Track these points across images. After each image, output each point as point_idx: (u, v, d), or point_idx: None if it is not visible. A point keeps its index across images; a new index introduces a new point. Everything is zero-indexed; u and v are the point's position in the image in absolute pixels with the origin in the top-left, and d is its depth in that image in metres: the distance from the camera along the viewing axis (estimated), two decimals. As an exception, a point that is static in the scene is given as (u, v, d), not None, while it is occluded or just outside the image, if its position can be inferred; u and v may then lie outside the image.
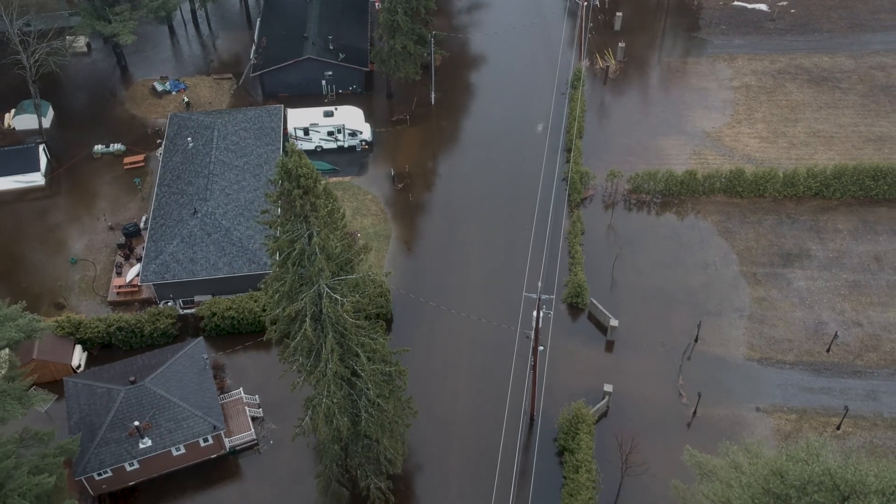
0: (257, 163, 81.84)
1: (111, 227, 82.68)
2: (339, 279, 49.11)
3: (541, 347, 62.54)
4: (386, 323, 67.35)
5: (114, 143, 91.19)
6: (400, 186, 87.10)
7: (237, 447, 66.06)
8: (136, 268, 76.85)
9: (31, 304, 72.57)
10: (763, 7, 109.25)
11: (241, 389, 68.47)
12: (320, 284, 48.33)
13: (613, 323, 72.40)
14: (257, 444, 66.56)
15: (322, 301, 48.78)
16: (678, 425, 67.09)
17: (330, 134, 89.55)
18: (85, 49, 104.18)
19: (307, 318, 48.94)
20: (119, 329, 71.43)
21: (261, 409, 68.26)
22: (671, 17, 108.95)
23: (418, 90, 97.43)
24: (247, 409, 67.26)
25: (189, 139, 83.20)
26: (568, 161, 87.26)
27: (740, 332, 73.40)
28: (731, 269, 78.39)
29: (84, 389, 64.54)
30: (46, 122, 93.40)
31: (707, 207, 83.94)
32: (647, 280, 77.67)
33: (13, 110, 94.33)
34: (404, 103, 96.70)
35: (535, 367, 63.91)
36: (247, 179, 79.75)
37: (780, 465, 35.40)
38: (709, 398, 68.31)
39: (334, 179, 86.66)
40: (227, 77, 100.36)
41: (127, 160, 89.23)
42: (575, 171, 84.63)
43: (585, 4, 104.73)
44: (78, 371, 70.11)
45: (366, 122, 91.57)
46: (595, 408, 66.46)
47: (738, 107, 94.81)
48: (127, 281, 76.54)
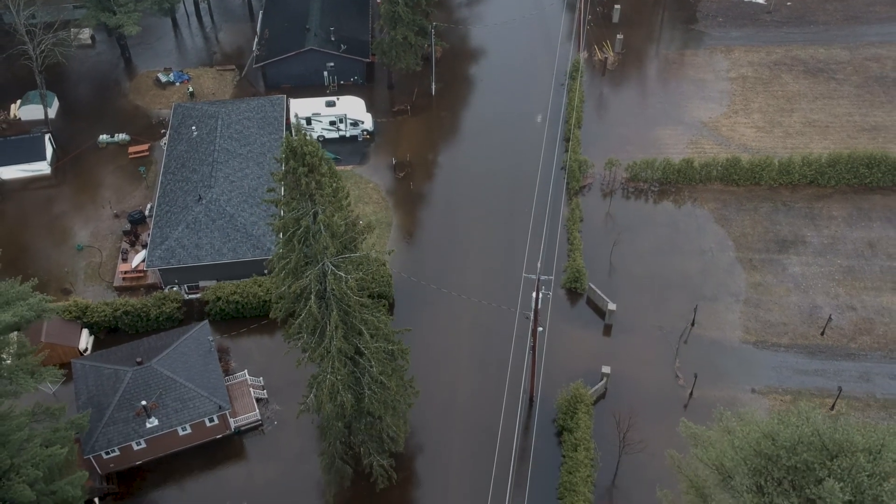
0: (260, 151, 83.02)
1: (116, 215, 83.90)
2: (343, 257, 50.30)
3: (540, 329, 63.73)
4: (388, 307, 68.58)
5: (118, 133, 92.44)
6: (401, 175, 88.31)
7: (242, 427, 67.26)
8: (142, 254, 78.04)
9: (38, 289, 73.53)
10: (760, 0, 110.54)
11: (245, 371, 69.69)
12: (325, 262, 49.53)
13: (611, 307, 73.63)
14: (262, 424, 67.76)
15: (327, 278, 49.97)
16: (675, 406, 68.27)
17: (332, 124, 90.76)
18: (89, 41, 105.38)
19: (312, 295, 50.11)
20: (125, 313, 72.61)
21: (265, 391, 69.46)
22: (669, 10, 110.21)
23: (419, 81, 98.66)
24: (251, 390, 68.43)
25: (193, 128, 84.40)
26: (566, 150, 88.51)
27: (736, 316, 74.63)
28: (728, 255, 79.61)
29: (91, 371, 65.72)
30: (52, 113, 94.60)
31: (704, 195, 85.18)
32: (644, 266, 78.88)
33: (19, 101, 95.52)
34: (405, 94, 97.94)
35: (534, 348, 65.12)
36: (250, 167, 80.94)
37: (772, 428, 36.65)
38: (705, 380, 69.50)
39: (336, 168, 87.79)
40: (230, 68, 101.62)
41: (132, 149, 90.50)
42: (573, 159, 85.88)
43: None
44: (85, 354, 71.26)
45: (367, 112, 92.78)
46: (593, 389, 67.68)
47: (735, 97, 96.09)
48: (133, 267, 77.74)
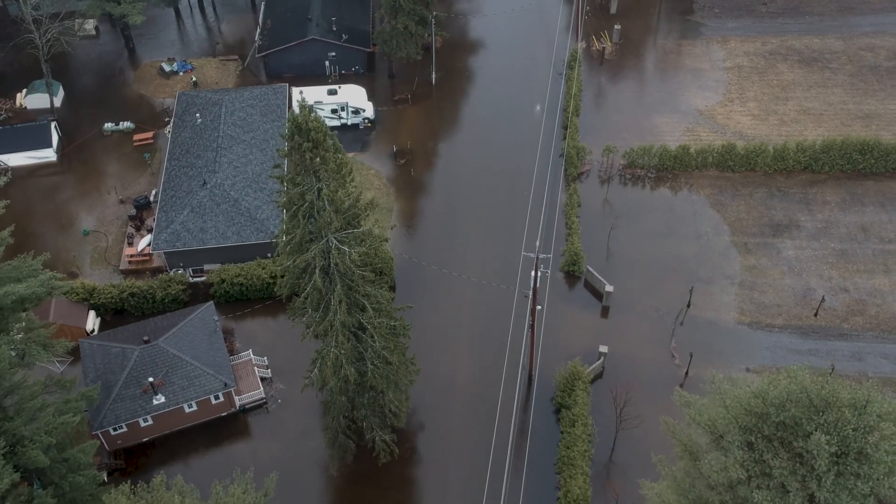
0: (263, 138, 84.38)
1: (122, 201, 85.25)
2: (346, 232, 51.64)
3: (539, 307, 65.10)
4: (390, 288, 69.90)
5: (123, 122, 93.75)
6: (402, 162, 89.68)
7: (247, 406, 68.64)
8: (147, 238, 79.38)
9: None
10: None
11: (250, 351, 71.06)
12: (329, 238, 50.86)
13: (609, 288, 75.01)
14: (266, 402, 69.14)
15: (331, 253, 51.30)
16: (671, 384, 69.28)
17: (334, 112, 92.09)
18: (94, 32, 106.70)
19: (317, 270, 51.45)
20: (132, 295, 73.95)
21: (269, 370, 70.82)
22: (666, 1, 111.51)
23: (419, 71, 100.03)
24: (256, 369, 69.81)
25: (198, 115, 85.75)
26: (564, 138, 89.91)
27: (731, 298, 76.05)
28: (723, 239, 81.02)
29: (99, 350, 67.06)
30: (57, 102, 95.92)
31: (700, 181, 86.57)
32: (641, 250, 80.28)
33: (25, 90, 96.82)
34: (406, 83, 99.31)
35: (533, 327, 66.50)
36: (254, 153, 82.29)
37: (762, 388, 38.05)
38: (700, 360, 70.85)
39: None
40: (233, 59, 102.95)
41: (136, 137, 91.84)
42: (571, 146, 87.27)
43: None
44: (91, 335, 72.52)
45: (368, 100, 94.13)
46: (591, 368, 69.06)
47: (731, 86, 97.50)
48: (138, 250, 79.05)
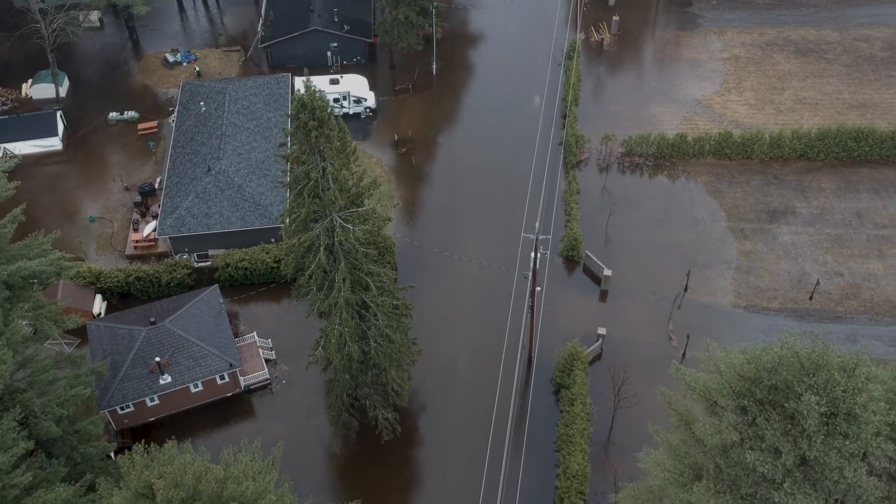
0: (267, 126, 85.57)
1: (127, 188, 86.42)
2: (350, 211, 52.82)
3: (538, 288, 66.30)
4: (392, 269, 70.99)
5: (128, 111, 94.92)
6: (403, 151, 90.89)
7: (252, 386, 69.82)
8: (153, 224, 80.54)
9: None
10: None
11: (254, 333, 72.27)
12: (333, 216, 52.03)
13: (607, 272, 76.22)
14: (270, 383, 70.33)
15: (335, 232, 52.48)
16: (668, 366, 70.09)
17: (336, 101, 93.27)
18: (98, 24, 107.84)
19: (321, 248, 52.64)
20: (138, 279, 75.11)
21: (273, 352, 72.00)
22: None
23: (420, 61, 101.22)
24: (260, 351, 70.99)
25: (202, 104, 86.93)
26: (563, 127, 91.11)
27: (728, 282, 77.27)
28: (720, 225, 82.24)
29: (106, 331, 68.21)
30: (62, 92, 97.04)
31: (697, 169, 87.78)
32: (639, 236, 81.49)
33: (30, 80, 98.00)
34: (407, 73, 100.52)
35: (532, 307, 67.70)
36: (257, 141, 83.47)
37: (756, 354, 39.26)
38: (697, 342, 71.80)
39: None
40: (236, 49, 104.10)
41: (141, 126, 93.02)
42: (570, 134, 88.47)
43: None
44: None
45: (370, 90, 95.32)
46: (590, 349, 70.25)
47: (728, 76, 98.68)
48: (144, 236, 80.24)
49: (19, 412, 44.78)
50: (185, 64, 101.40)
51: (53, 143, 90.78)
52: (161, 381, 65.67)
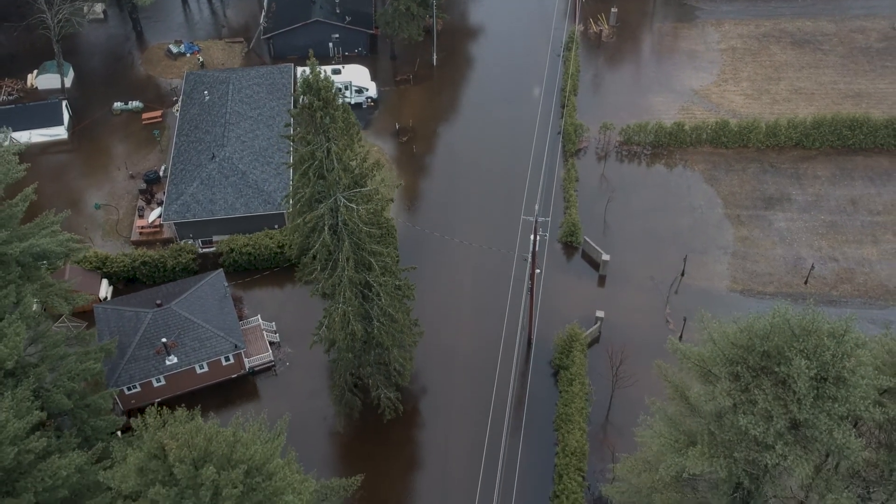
0: (270, 115, 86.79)
1: (132, 176, 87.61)
2: (354, 191, 54.02)
3: (538, 270, 67.51)
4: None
5: (132, 101, 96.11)
6: (404, 140, 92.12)
7: (256, 368, 71.02)
8: (158, 210, 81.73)
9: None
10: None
11: (258, 316, 73.47)
12: (337, 196, 53.24)
13: (605, 257, 77.46)
14: (275, 365, 71.53)
15: (339, 211, 53.68)
16: (665, 349, 71.91)
17: (338, 90, 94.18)
18: (102, 16, 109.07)
19: (326, 227, 53.83)
20: (143, 263, 76.28)
21: (277, 335, 73.22)
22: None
23: (421, 52, 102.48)
24: (264, 334, 72.19)
25: (206, 92, 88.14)
26: (562, 116, 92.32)
27: (724, 267, 78.51)
28: (717, 211, 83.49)
29: (113, 314, 69.37)
30: (68, 82, 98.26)
31: (694, 157, 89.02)
32: (637, 223, 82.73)
33: (36, 70, 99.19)
34: (408, 64, 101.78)
35: (532, 289, 68.92)
36: (260, 129, 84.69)
37: (749, 322, 40.51)
38: (694, 325, 73.11)
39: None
40: (239, 41, 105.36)
41: (145, 116, 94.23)
42: (569, 123, 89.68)
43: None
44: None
45: (371, 80, 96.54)
46: (588, 331, 71.48)
47: (725, 67, 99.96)
48: (149, 222, 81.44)
49: (32, 382, 45.96)
50: (188, 55, 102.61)
51: (59, 133, 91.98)
52: (167, 362, 66.84)
